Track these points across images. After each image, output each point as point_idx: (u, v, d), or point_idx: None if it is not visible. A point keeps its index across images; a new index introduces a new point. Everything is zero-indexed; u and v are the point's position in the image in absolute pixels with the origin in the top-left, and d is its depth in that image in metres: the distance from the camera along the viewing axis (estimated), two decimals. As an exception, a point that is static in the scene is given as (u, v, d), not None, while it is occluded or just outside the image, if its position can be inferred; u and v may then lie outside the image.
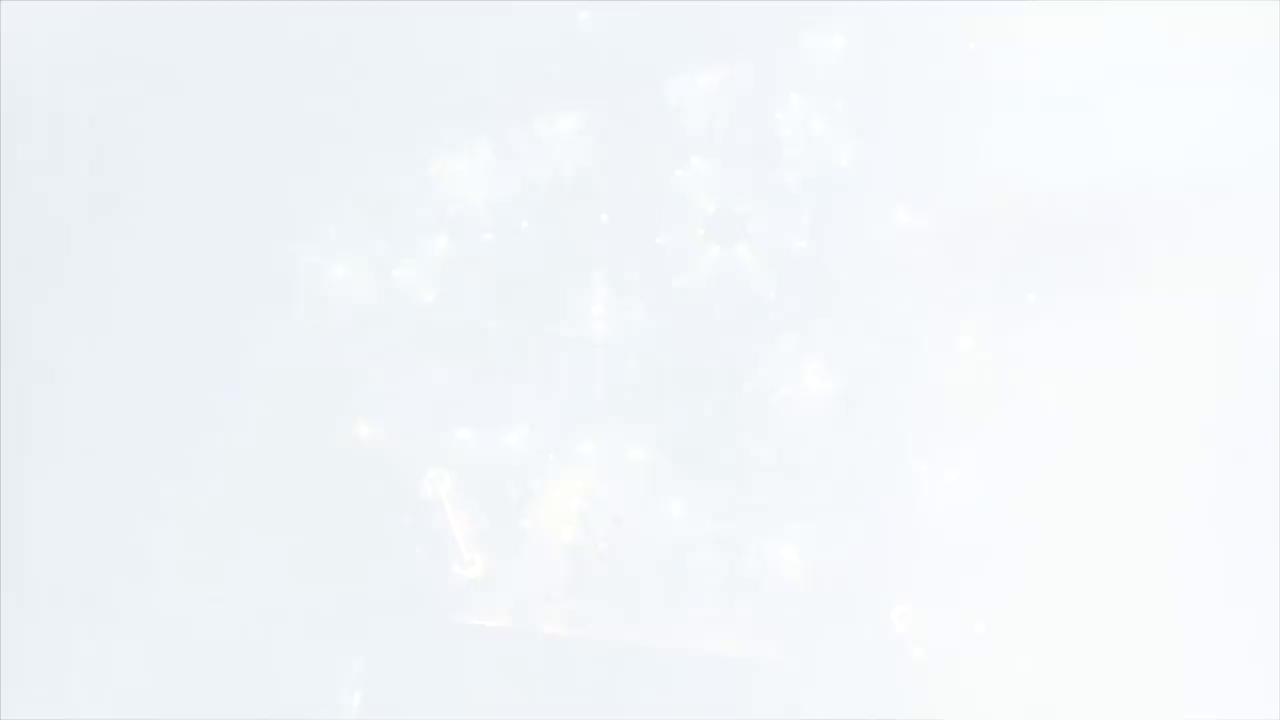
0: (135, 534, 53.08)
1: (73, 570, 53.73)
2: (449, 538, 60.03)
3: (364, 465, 60.33)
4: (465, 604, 59.09)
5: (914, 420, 59.14)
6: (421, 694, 56.31)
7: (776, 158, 66.07)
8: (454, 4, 64.69)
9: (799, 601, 57.93)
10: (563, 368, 62.22)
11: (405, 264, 64.45)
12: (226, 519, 55.23)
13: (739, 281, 64.06)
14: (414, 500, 60.21)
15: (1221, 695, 48.03)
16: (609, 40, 67.40)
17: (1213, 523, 50.34)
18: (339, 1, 62.97)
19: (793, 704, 54.22)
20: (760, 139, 66.97)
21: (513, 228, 64.90)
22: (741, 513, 59.73)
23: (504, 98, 66.47)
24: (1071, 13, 63.49)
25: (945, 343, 60.34)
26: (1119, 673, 46.07)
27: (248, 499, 56.93)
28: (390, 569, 58.98)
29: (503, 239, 64.77)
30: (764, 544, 59.11)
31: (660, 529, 59.79)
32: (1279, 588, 49.48)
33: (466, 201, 65.74)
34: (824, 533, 60.83)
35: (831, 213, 65.83)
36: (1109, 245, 59.98)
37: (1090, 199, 60.37)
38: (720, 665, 56.34)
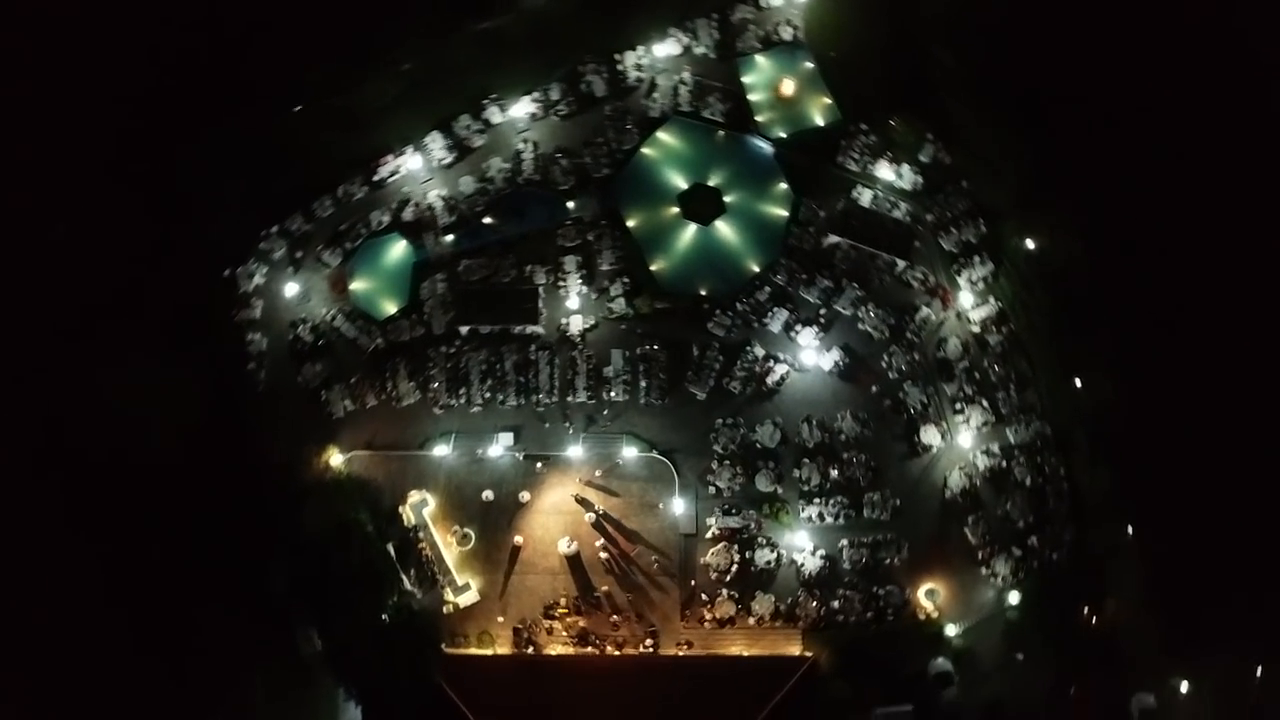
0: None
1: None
2: (439, 563, 56.20)
3: (338, 492, 56.61)
4: (462, 632, 55.50)
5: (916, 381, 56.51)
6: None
7: (750, 123, 62.45)
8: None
9: (818, 587, 55.19)
10: (542, 369, 58.52)
11: (363, 275, 60.38)
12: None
13: (721, 258, 60.81)
14: (396, 527, 56.56)
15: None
16: (559, 19, 63.46)
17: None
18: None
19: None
20: (730, 104, 63.28)
21: (474, 224, 61.15)
22: (750, 502, 56.67)
23: (452, 86, 62.56)
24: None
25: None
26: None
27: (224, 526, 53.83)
28: (379, 603, 55.35)
29: (465, 237, 60.98)
30: (778, 534, 56.17)
31: (660, 528, 56.79)
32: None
33: (422, 202, 61.77)
34: (837, 516, 57.52)
35: (815, 173, 62.12)
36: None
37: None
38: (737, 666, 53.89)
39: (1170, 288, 55.43)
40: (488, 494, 57.22)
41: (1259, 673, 52.53)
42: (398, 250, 61.09)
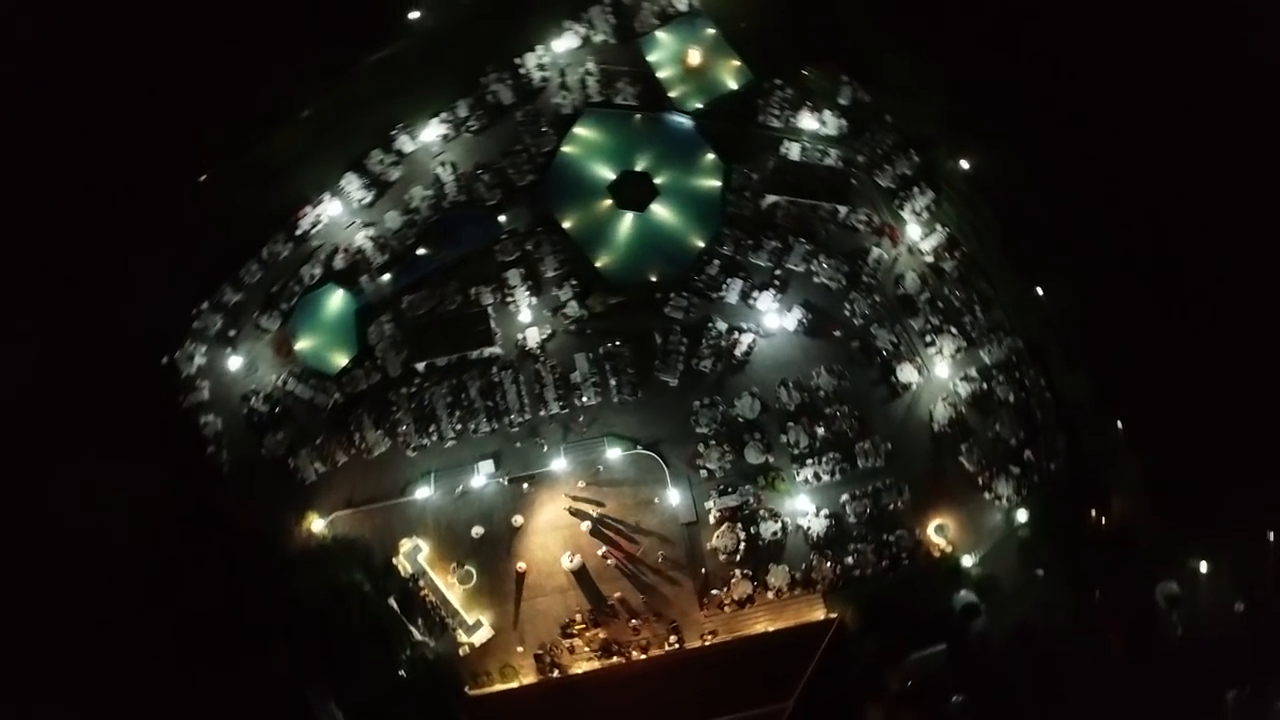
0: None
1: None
2: (445, 606, 54.70)
3: (328, 556, 54.99)
4: (484, 670, 54.11)
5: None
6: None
7: (664, 100, 61.56)
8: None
9: (829, 547, 54.49)
10: (508, 389, 57.20)
11: (306, 333, 58.62)
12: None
13: (664, 240, 59.87)
14: (394, 579, 55.01)
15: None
16: (452, 34, 62.01)
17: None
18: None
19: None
20: (641, 86, 62.42)
21: (408, 258, 59.57)
22: (744, 477, 55.84)
23: (357, 124, 60.95)
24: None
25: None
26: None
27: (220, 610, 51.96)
28: (393, 660, 53.86)
29: (403, 273, 59.39)
30: (779, 503, 55.41)
31: (660, 522, 55.77)
32: None
33: (351, 247, 60.04)
34: (833, 472, 56.91)
35: (740, 137, 61.44)
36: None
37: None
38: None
39: (1113, 181, 55.28)
40: (477, 530, 55.68)
41: (1271, 538, 53.03)
42: (336, 301, 59.20)
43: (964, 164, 60.47)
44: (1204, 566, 54.45)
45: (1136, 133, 55.66)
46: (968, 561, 55.04)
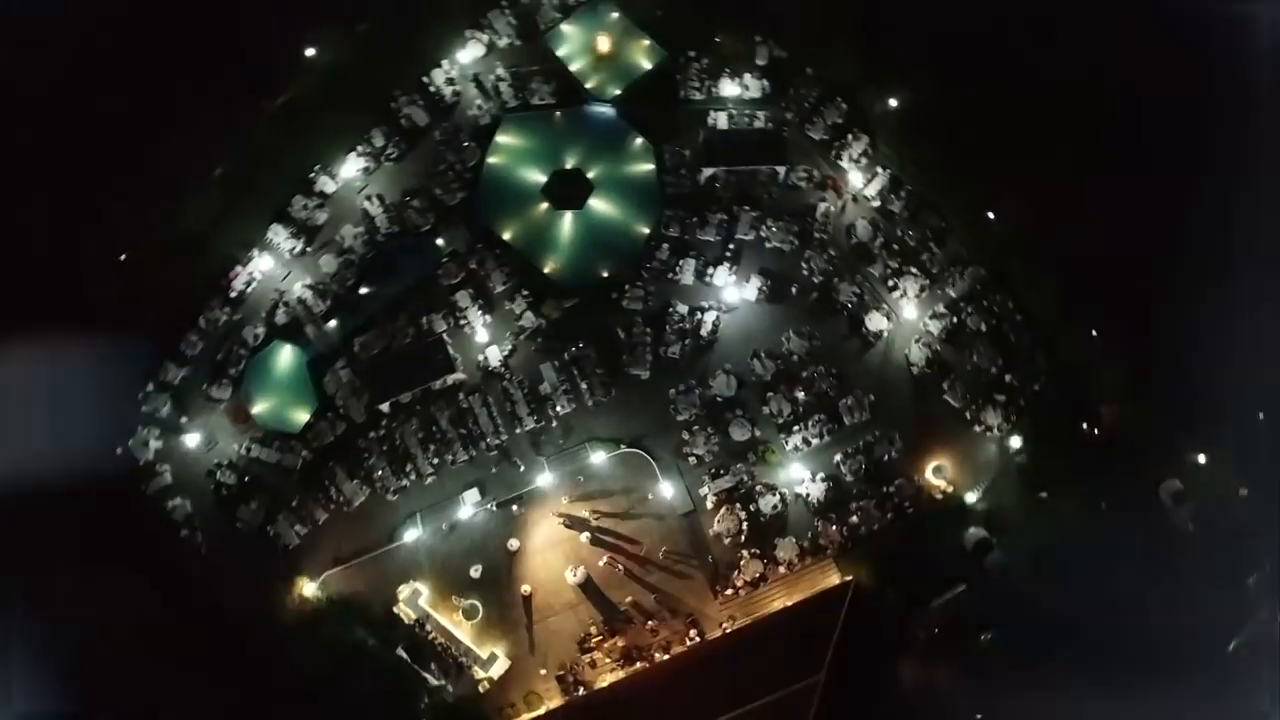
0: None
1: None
2: (456, 646, 53.21)
3: (327, 619, 53.28)
4: (508, 703, 52.73)
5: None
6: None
7: (582, 92, 60.34)
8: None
9: (831, 510, 53.64)
10: (479, 413, 55.78)
11: (261, 396, 56.44)
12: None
13: (608, 234, 58.68)
14: (399, 628, 53.39)
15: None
16: (352, 66, 60.16)
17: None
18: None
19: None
20: (555, 82, 61.10)
21: (352, 300, 57.44)
22: (733, 456, 54.86)
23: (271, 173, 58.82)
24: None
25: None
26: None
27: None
28: (413, 712, 52.30)
29: (349, 316, 57.34)
30: (773, 475, 54.45)
31: (661, 518, 54.67)
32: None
33: (290, 300, 57.82)
34: (820, 435, 56.15)
35: (665, 116, 60.42)
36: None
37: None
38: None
39: (1040, 91, 55.18)
40: (475, 569, 53.90)
41: (1261, 417, 53.15)
42: (286, 357, 56.96)
43: (892, 102, 59.79)
44: (1201, 458, 54.68)
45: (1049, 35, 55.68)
46: (971, 498, 54.60)
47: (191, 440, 55.98)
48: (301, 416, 56.35)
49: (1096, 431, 55.15)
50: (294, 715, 51.52)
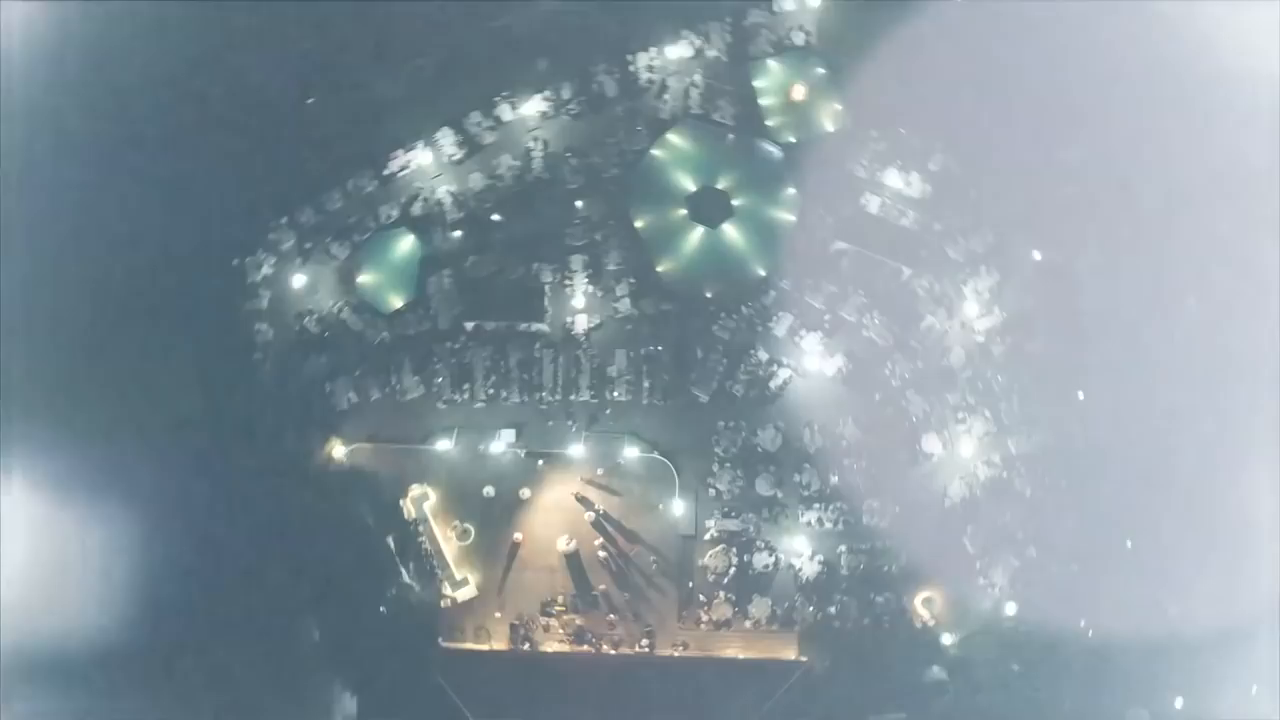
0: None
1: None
2: (438, 557, 56.31)
3: (340, 483, 56.79)
4: (459, 627, 55.57)
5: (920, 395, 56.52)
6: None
7: (760, 127, 62.50)
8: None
9: (815, 592, 55.13)
10: (546, 367, 58.60)
11: (370, 269, 60.59)
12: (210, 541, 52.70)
13: (727, 261, 60.85)
14: (397, 520, 56.71)
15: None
16: (571, 19, 63.45)
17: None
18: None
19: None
20: (740, 108, 63.32)
21: (481, 222, 61.25)
22: (749, 505, 56.60)
23: (464, 83, 62.62)
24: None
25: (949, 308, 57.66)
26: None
27: (228, 518, 54.16)
28: (377, 595, 55.43)
29: (471, 235, 61.17)
30: (777, 538, 56.09)
31: (659, 529, 56.80)
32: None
33: (431, 198, 61.94)
34: (836, 521, 57.52)
35: (824, 179, 62.23)
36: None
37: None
38: (735, 668, 53.88)
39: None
40: (489, 489, 57.19)
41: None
42: (405, 245, 61.21)
43: (1036, 255, 60.66)
44: (1179, 702, 54.34)
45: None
46: (947, 639, 55.24)
47: (298, 281, 60.50)
48: (396, 301, 60.35)
49: (1091, 633, 55.32)
50: (272, 556, 54.23)
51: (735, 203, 62.33)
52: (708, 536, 56.96)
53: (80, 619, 50.40)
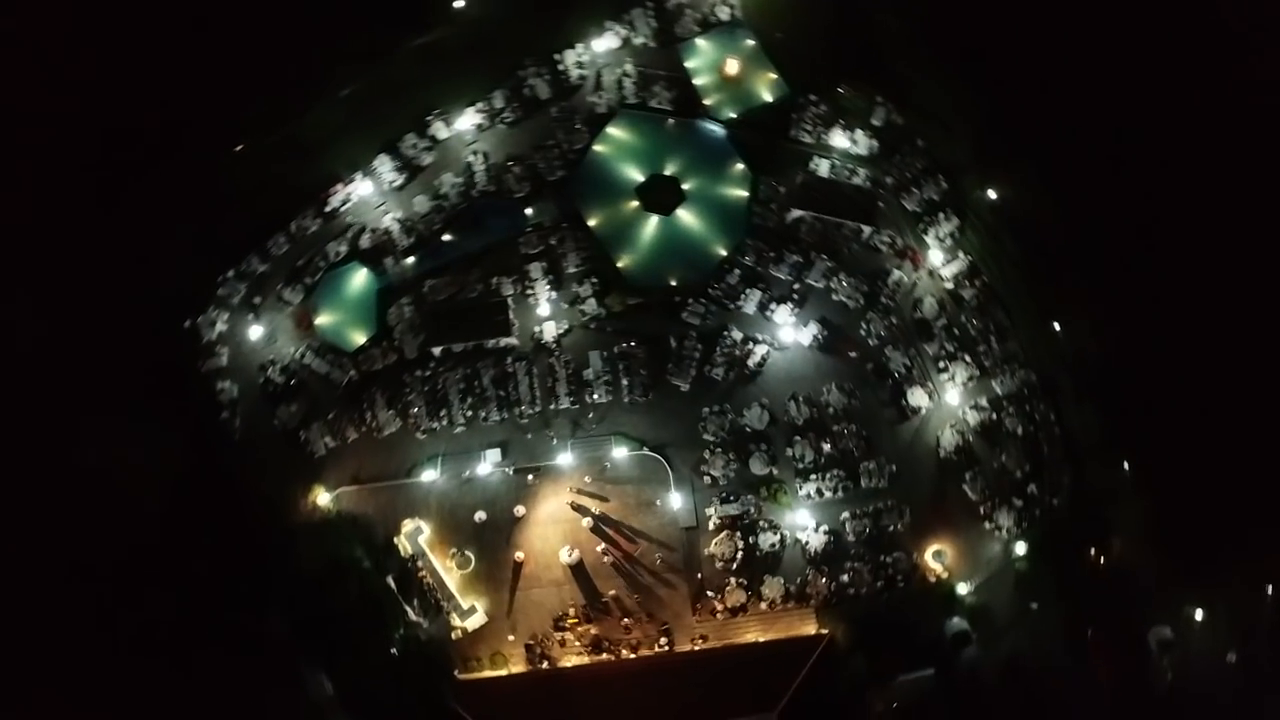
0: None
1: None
2: (441, 589, 55.14)
3: (331, 531, 55.47)
4: (474, 656, 54.49)
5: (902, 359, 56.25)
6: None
7: (698, 107, 61.77)
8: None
9: (825, 563, 54.63)
10: (521, 380, 57.53)
11: (327, 309, 59.27)
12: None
13: (687, 246, 60.16)
14: (394, 558, 55.45)
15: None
16: (495, 25, 62.39)
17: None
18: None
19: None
20: (676, 91, 62.63)
21: (434, 243, 60.06)
22: (747, 487, 56.02)
23: (393, 106, 61.44)
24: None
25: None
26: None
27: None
28: (386, 638, 54.22)
29: (427, 257, 59.94)
30: (779, 515, 55.53)
31: (660, 524, 56.08)
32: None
33: (378, 227, 60.66)
34: (835, 489, 57.05)
35: (771, 149, 61.64)
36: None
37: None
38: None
39: (1137, 221, 55.35)
40: (480, 515, 56.21)
41: (1270, 591, 52.85)
42: (359, 279, 59.88)
43: (991, 194, 60.57)
44: (1199, 614, 54.39)
45: (1163, 174, 55.67)
46: (963, 589, 55.14)
47: (254, 332, 58.96)
48: (359, 337, 58.96)
49: (1102, 560, 55.21)
50: (277, 604, 53.00)
51: (686, 186, 61.65)
52: (710, 525, 56.39)
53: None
